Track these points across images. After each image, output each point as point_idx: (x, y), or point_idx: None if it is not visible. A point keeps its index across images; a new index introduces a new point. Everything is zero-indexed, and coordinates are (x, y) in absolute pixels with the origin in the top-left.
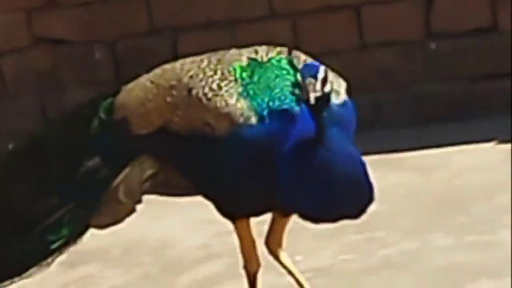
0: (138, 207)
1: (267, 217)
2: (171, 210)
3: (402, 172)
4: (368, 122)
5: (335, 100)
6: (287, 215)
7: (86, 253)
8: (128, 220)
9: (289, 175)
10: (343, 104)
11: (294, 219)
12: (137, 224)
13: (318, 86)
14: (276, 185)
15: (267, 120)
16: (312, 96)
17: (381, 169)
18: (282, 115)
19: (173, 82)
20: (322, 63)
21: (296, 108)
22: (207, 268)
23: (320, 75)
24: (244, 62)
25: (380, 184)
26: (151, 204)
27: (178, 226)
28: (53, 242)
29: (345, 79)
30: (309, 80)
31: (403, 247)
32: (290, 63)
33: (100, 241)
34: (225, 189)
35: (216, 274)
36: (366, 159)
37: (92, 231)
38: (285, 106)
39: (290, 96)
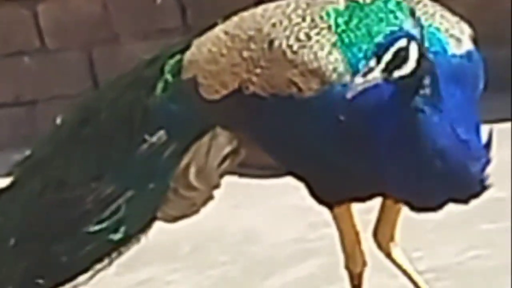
0: (216, 193)
1: (376, 203)
2: (254, 196)
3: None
4: (505, 82)
5: (455, 49)
6: (399, 200)
7: (147, 250)
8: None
9: (385, 147)
10: (466, 55)
11: None
12: (212, 213)
13: (377, 72)
14: (374, 158)
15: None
16: (353, 90)
17: None
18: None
19: (252, 33)
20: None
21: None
22: (300, 268)
23: (388, 56)
24: (342, 4)
25: None
26: (230, 189)
27: (263, 216)
28: (111, 239)
29: (472, 26)
30: (370, 62)
31: None
32: (400, 4)
33: (165, 235)
34: (317, 165)
35: (311, 276)
36: (499, 128)
37: (156, 223)
38: None
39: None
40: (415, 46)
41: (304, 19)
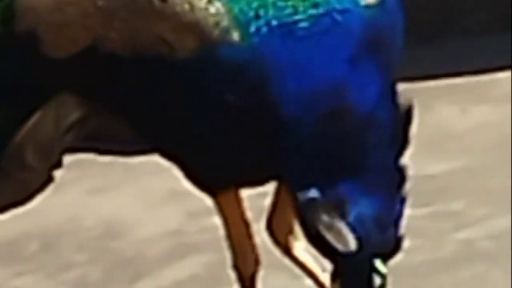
0: (69, 175)
1: (270, 186)
2: (117, 178)
3: (488, 105)
4: (435, 27)
5: None
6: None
7: None
8: (49, 195)
9: (294, 135)
10: (379, 4)
11: None
12: (64, 201)
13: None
14: (274, 147)
15: (257, 39)
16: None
17: (455, 100)
18: (284, 34)
19: None
20: None
21: (305, 25)
22: (177, 269)
23: None
24: None
25: (457, 125)
26: (85, 169)
27: (128, 204)
28: None
29: None
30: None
31: (494, 226)
32: None
33: (5, 230)
34: (195, 142)
35: (192, 278)
36: (427, 85)
37: None
38: (289, 19)
39: (301, 2)
40: None
41: None
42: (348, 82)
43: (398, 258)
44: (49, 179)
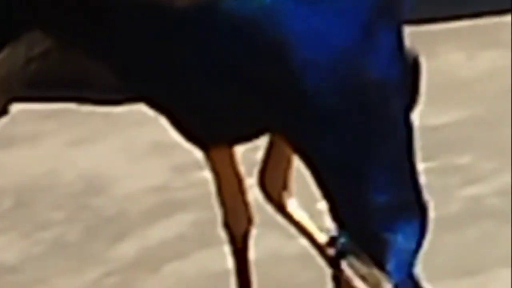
0: (46, 126)
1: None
2: (98, 129)
3: (498, 50)
4: None
5: None
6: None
7: None
8: (25, 147)
9: (315, 106)
10: None
11: None
12: (40, 154)
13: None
14: (289, 108)
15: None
16: None
17: (462, 45)
18: None
19: None
20: None
21: None
22: (162, 228)
23: None
24: None
25: (464, 72)
26: (63, 119)
27: (110, 157)
28: None
29: None
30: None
31: (504, 181)
32: None
33: None
34: (186, 95)
35: (178, 237)
36: (431, 28)
37: None
38: None
39: None
40: None
41: None
42: (365, 50)
43: None
44: (3, 112)
